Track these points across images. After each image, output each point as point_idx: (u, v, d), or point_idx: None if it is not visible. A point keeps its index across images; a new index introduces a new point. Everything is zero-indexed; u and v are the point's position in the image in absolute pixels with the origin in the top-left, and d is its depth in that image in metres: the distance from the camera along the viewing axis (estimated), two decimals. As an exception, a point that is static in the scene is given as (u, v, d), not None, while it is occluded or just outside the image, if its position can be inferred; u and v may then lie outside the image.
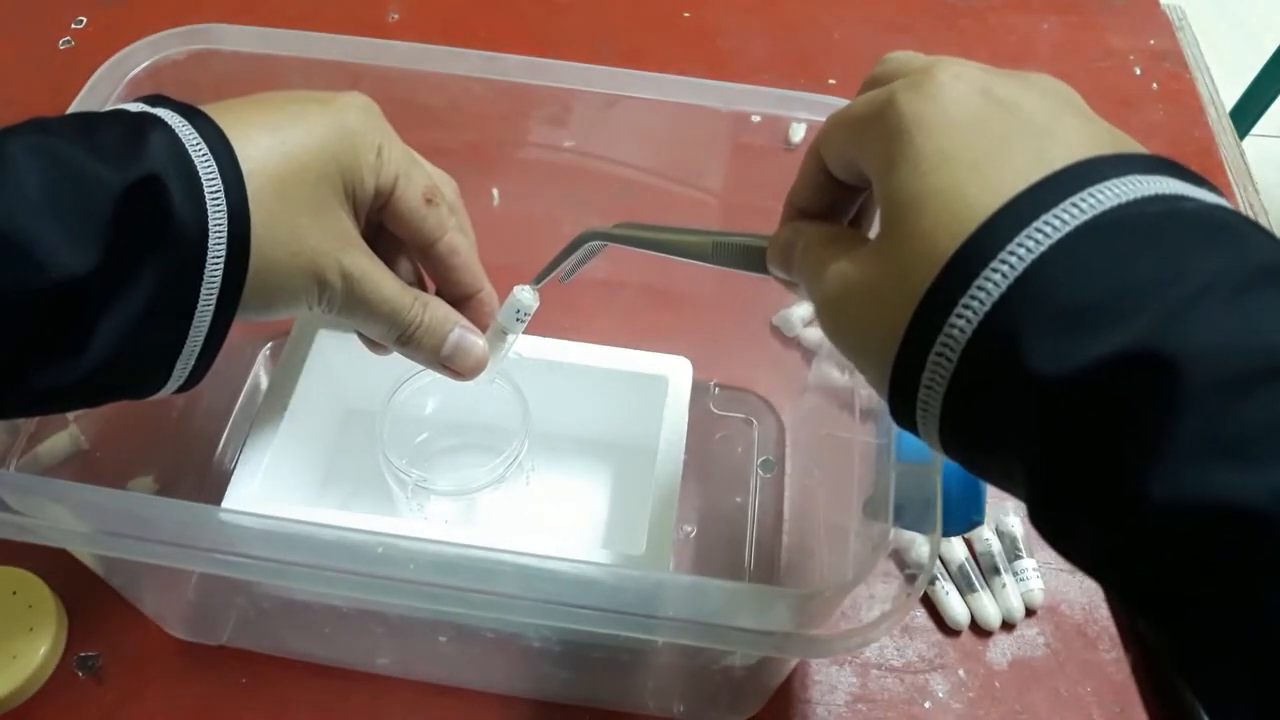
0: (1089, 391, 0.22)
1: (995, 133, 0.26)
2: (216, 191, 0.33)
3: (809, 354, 0.61)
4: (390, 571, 0.36)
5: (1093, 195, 0.24)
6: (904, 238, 0.26)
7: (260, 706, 0.51)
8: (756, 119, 0.49)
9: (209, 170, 0.33)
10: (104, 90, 0.47)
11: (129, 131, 0.32)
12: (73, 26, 0.80)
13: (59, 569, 0.52)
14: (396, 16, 0.82)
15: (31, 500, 0.38)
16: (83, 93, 0.47)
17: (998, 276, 0.24)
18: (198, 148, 0.33)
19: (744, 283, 0.37)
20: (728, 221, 0.52)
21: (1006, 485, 0.26)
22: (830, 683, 0.53)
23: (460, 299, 0.42)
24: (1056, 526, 0.25)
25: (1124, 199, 0.24)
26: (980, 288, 0.24)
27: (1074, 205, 0.24)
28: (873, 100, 0.29)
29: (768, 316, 0.62)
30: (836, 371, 0.50)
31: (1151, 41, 0.84)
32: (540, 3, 0.84)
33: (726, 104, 0.49)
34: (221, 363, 0.36)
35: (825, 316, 0.30)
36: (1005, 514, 0.57)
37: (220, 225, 0.33)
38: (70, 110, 0.46)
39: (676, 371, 0.52)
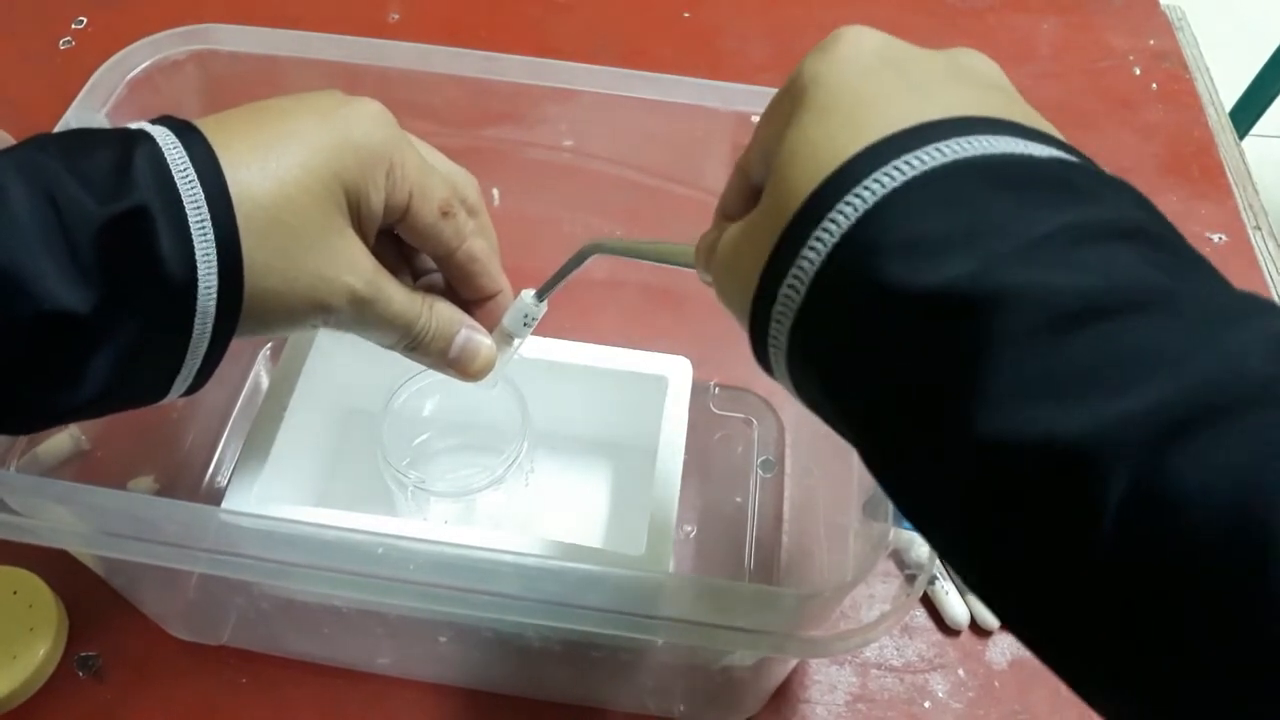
0: (918, 322, 0.23)
1: (878, 87, 0.26)
2: (202, 221, 0.32)
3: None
4: (390, 572, 0.36)
5: (956, 144, 0.24)
6: (775, 188, 0.27)
7: (260, 706, 0.51)
8: (756, 119, 0.49)
9: (195, 199, 0.32)
10: (104, 90, 0.47)
11: (118, 157, 0.31)
12: (73, 26, 0.80)
13: (59, 569, 0.52)
14: (396, 17, 0.82)
15: (31, 500, 0.38)
16: (83, 93, 0.47)
17: (849, 210, 0.24)
18: (184, 174, 0.32)
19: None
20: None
21: (846, 430, 0.27)
22: (830, 683, 0.53)
23: (477, 302, 0.41)
24: (887, 466, 0.25)
25: (987, 151, 0.24)
26: (832, 220, 0.24)
27: (937, 149, 0.24)
28: (786, 82, 0.29)
29: (768, 316, 0.62)
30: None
31: (1151, 41, 0.84)
32: (540, 3, 0.84)
33: (726, 104, 0.49)
34: (222, 363, 0.36)
35: (716, 282, 0.30)
36: (1005, 514, 0.57)
37: (209, 255, 0.32)
38: (69, 111, 0.46)
39: (676, 371, 0.52)
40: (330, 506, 0.45)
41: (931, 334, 0.23)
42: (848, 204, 0.24)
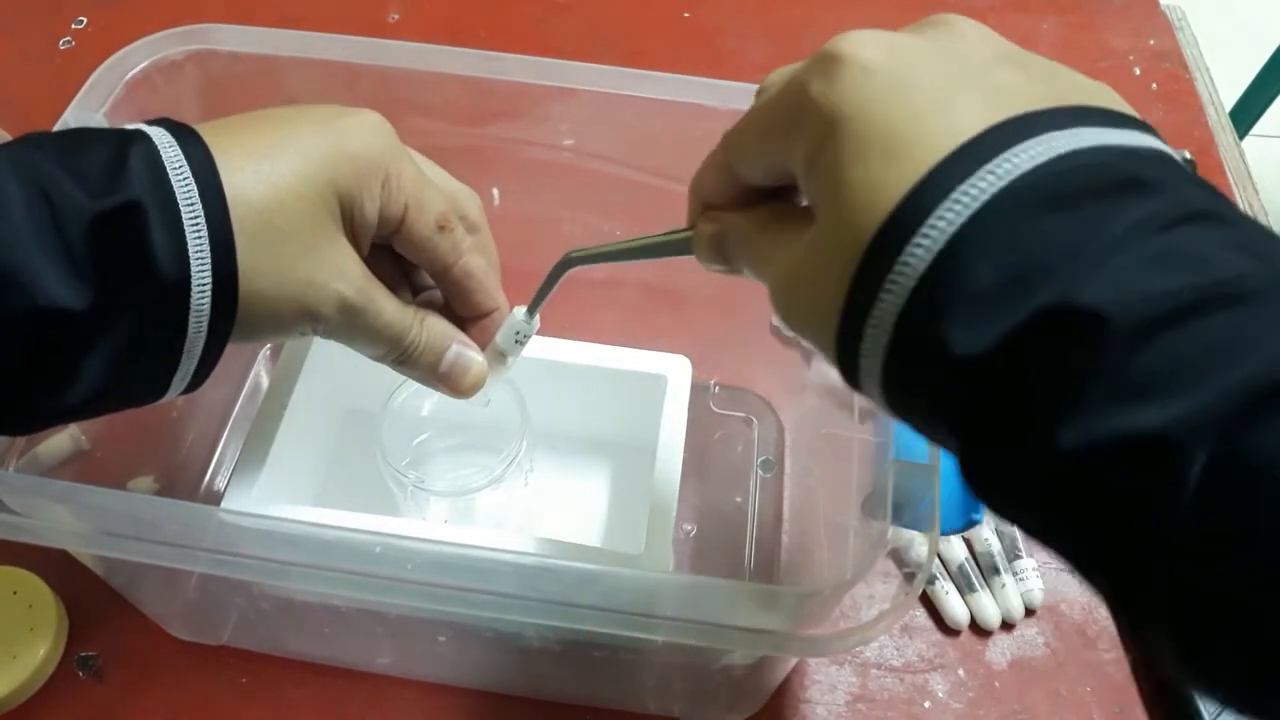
0: (1008, 358, 0.23)
1: (902, 107, 0.26)
2: (196, 218, 0.32)
3: (809, 354, 0.61)
4: (390, 571, 0.36)
5: (1005, 162, 0.24)
6: (832, 230, 0.27)
7: (260, 706, 0.51)
8: (756, 119, 0.49)
9: (189, 197, 0.32)
10: (103, 90, 0.47)
11: (113, 155, 0.31)
12: (73, 26, 0.80)
13: (59, 569, 0.52)
14: (396, 17, 0.82)
15: (31, 500, 0.38)
16: (82, 92, 0.47)
17: (920, 251, 0.24)
18: (179, 172, 0.32)
19: (744, 283, 0.37)
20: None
21: (947, 445, 0.27)
22: (830, 682, 0.53)
23: (473, 319, 0.41)
24: (988, 483, 0.26)
25: (1036, 161, 0.24)
26: (900, 269, 0.25)
27: (989, 174, 0.24)
28: (785, 98, 0.29)
29: (768, 316, 0.62)
30: (836, 371, 0.50)
31: (1151, 41, 0.84)
32: (540, 3, 0.84)
33: (726, 104, 0.49)
34: (221, 362, 0.36)
35: (778, 303, 0.30)
36: (1005, 514, 0.57)
37: (202, 253, 0.32)
38: (68, 111, 0.46)
39: (676, 371, 0.52)
40: (330, 506, 0.45)
41: (1019, 366, 0.23)
42: (915, 248, 0.24)
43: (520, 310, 0.41)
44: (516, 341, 0.41)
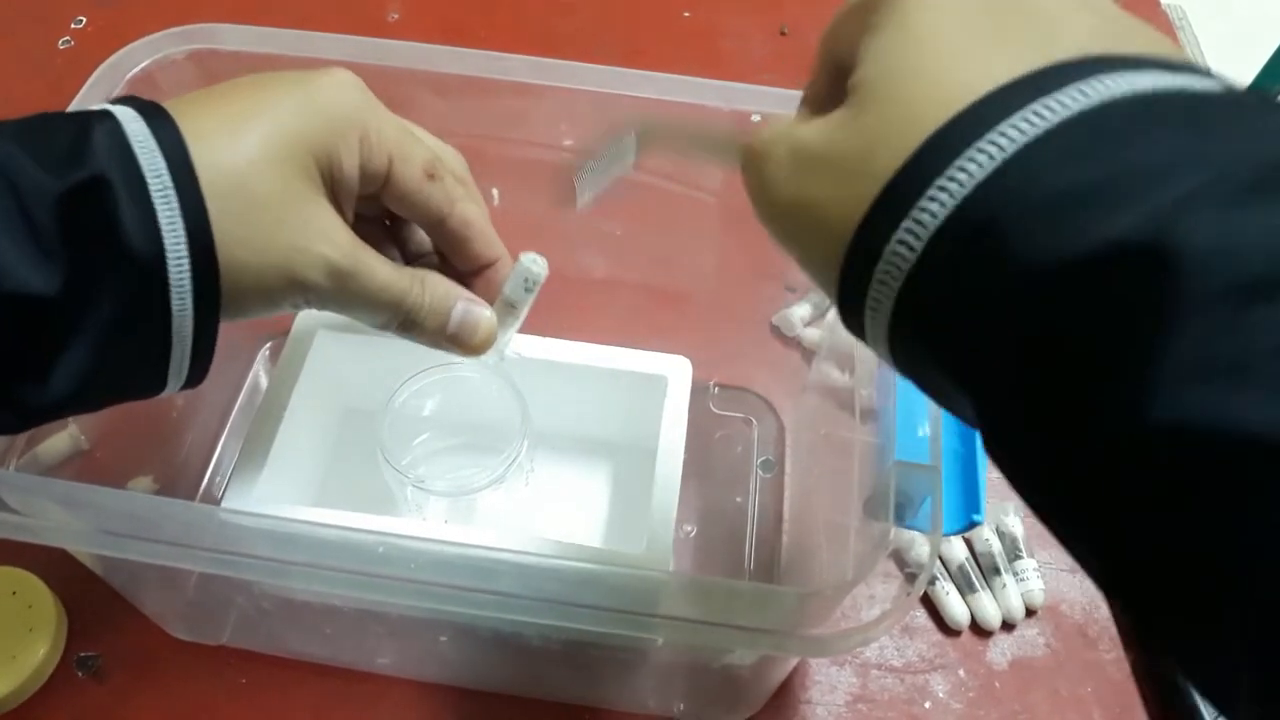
0: (1075, 287, 0.19)
1: (998, 14, 0.23)
2: (164, 190, 0.31)
3: (809, 354, 0.61)
4: (390, 571, 0.36)
5: (1099, 81, 0.20)
6: (879, 112, 0.23)
7: (260, 706, 0.51)
8: (756, 119, 0.49)
9: (156, 169, 0.31)
10: (103, 90, 0.47)
11: (77, 133, 0.31)
12: (73, 26, 0.80)
13: (59, 569, 0.52)
14: (396, 16, 0.82)
15: (31, 500, 0.38)
16: (82, 92, 0.47)
17: (983, 158, 0.21)
18: (144, 145, 0.31)
19: (744, 283, 0.37)
20: (727, 221, 0.52)
21: (957, 404, 0.24)
22: (830, 683, 0.53)
23: (474, 273, 0.40)
24: (1018, 446, 0.22)
25: (1135, 89, 0.20)
26: (961, 168, 0.21)
27: (1079, 90, 0.20)
28: None
29: (768, 316, 0.62)
30: (836, 371, 0.50)
31: (1151, 41, 0.84)
32: (540, 2, 0.84)
33: (726, 104, 0.49)
34: (221, 362, 0.36)
35: (768, 196, 0.26)
36: (1005, 514, 0.57)
37: (174, 225, 0.31)
38: (69, 109, 0.46)
39: (676, 371, 0.52)
40: (330, 506, 0.45)
41: (1086, 305, 0.19)
42: (981, 152, 0.21)
43: (527, 255, 0.39)
44: (526, 290, 0.39)
